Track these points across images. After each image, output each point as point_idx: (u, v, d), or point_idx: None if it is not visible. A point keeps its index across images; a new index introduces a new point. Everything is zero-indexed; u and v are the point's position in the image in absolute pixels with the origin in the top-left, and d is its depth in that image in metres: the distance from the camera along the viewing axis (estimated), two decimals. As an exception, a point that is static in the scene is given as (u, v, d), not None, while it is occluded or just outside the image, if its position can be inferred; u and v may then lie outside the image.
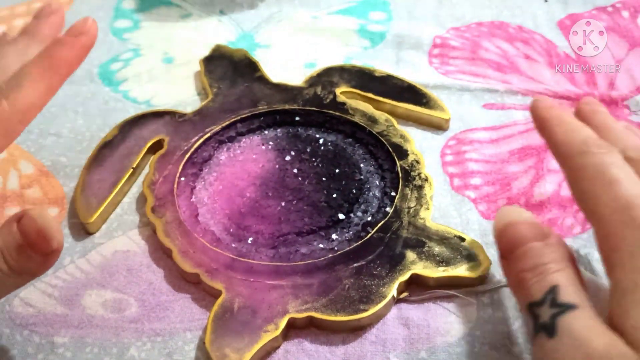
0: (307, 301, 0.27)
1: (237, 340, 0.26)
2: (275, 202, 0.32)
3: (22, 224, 0.24)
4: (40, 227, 0.24)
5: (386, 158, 0.33)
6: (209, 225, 0.31)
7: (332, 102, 0.37)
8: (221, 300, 0.28)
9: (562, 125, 0.26)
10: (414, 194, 0.31)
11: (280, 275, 0.28)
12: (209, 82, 0.39)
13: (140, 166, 0.35)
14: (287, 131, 0.35)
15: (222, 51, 0.41)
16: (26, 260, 0.24)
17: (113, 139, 0.35)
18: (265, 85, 0.38)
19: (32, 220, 0.24)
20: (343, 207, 0.31)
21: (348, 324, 0.27)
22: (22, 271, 0.24)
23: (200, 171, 0.34)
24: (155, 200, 0.32)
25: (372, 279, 0.28)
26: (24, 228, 0.24)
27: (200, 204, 0.32)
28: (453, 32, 0.43)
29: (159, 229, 0.30)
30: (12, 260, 0.24)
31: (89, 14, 0.47)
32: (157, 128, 0.36)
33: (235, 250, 0.29)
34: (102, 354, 0.27)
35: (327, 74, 0.39)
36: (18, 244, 0.24)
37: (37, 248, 0.24)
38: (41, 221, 0.24)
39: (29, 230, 0.24)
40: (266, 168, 0.33)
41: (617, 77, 0.39)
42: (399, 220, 0.30)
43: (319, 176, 0.33)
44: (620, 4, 0.45)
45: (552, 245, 0.24)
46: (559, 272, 0.23)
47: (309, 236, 0.30)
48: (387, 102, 0.37)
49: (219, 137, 0.35)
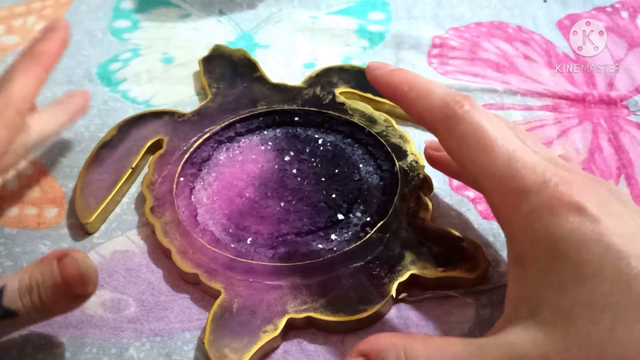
0: (306, 301, 0.27)
1: (236, 341, 0.26)
2: (275, 202, 0.32)
3: (63, 264, 0.24)
4: (82, 271, 0.24)
5: (385, 158, 0.33)
6: (208, 226, 0.31)
7: (331, 102, 0.37)
8: (220, 301, 0.27)
9: (415, 90, 0.26)
10: (413, 195, 0.31)
11: (280, 276, 0.28)
12: (208, 82, 0.39)
13: (139, 166, 0.35)
14: (287, 131, 0.35)
15: (221, 51, 0.41)
16: (58, 298, 0.25)
17: (112, 139, 0.35)
18: (265, 85, 0.38)
19: (74, 262, 0.24)
20: (342, 207, 0.31)
21: (347, 325, 0.27)
22: (51, 308, 0.25)
23: (200, 171, 0.33)
24: (154, 201, 0.32)
25: (371, 279, 0.28)
26: (66, 269, 0.24)
27: (200, 204, 0.32)
28: (452, 33, 0.43)
29: (157, 229, 0.30)
30: (45, 297, 0.24)
31: (88, 14, 0.47)
32: (156, 128, 0.36)
33: (235, 251, 0.29)
34: (101, 354, 0.27)
35: (326, 74, 0.39)
36: (55, 283, 0.24)
37: (74, 290, 0.25)
38: (83, 265, 0.24)
39: (70, 272, 0.24)
40: (265, 168, 0.33)
41: (617, 78, 0.39)
42: (398, 221, 0.30)
43: (318, 176, 0.33)
44: (619, 4, 0.45)
45: None
46: None
47: (308, 236, 0.30)
48: (386, 103, 0.37)
49: (218, 138, 0.35)
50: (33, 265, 0.25)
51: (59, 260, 0.25)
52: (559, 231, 0.20)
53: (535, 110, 0.37)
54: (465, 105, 0.24)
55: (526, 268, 0.21)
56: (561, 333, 0.19)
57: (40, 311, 0.25)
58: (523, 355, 0.20)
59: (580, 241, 0.20)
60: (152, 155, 0.35)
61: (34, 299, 0.24)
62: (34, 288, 0.24)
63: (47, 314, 0.25)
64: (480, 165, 0.23)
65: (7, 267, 0.30)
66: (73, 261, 0.24)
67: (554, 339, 0.19)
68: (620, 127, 0.36)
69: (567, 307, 0.20)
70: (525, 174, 0.22)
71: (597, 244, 0.20)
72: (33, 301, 0.24)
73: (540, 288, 0.20)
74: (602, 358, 0.19)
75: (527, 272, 0.21)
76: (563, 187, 0.21)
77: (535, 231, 0.21)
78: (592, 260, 0.20)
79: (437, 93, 0.25)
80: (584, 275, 0.20)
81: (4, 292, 0.24)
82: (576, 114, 0.37)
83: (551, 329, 0.20)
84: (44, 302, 0.24)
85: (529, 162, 0.22)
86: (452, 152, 0.25)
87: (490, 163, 0.23)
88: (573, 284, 0.20)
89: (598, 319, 0.19)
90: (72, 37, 0.44)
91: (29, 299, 0.24)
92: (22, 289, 0.24)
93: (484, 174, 0.23)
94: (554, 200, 0.21)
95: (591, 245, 0.20)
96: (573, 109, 0.37)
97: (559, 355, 0.19)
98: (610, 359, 0.18)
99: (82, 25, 0.46)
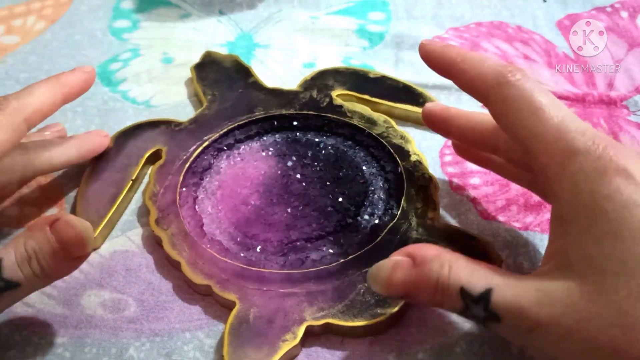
0: (323, 308, 0.27)
1: (256, 352, 0.26)
2: (281, 208, 0.31)
3: (58, 229, 0.25)
4: (78, 233, 0.25)
5: (388, 159, 0.33)
6: (215, 235, 0.30)
7: (329, 105, 0.36)
8: (236, 311, 0.27)
9: (468, 61, 0.26)
10: (420, 195, 0.31)
11: (293, 283, 0.28)
12: (202, 89, 0.38)
13: (139, 178, 0.34)
14: (286, 136, 0.35)
15: (212, 57, 0.41)
16: (58, 263, 0.25)
17: (108, 151, 0.34)
18: (260, 90, 0.38)
19: (69, 225, 0.25)
20: (350, 210, 0.31)
21: (367, 329, 0.27)
22: (53, 274, 0.25)
23: (201, 180, 0.33)
24: (158, 212, 0.31)
25: None
26: (61, 233, 0.25)
27: (205, 213, 0.31)
28: (452, 33, 0.43)
29: (165, 241, 0.30)
30: (45, 264, 0.25)
31: (89, 14, 0.47)
32: (154, 138, 0.35)
33: (245, 260, 0.29)
34: (101, 354, 0.27)
35: (321, 77, 0.38)
36: (53, 249, 0.25)
37: (73, 253, 0.25)
38: (79, 227, 0.25)
39: (66, 236, 0.25)
40: (268, 174, 0.33)
41: (616, 78, 0.39)
42: (407, 222, 0.30)
43: (322, 181, 0.32)
44: (619, 4, 0.45)
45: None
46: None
47: (318, 242, 0.30)
48: (384, 103, 0.37)
49: (218, 145, 0.35)
50: (25, 234, 0.25)
51: (50, 226, 0.25)
52: (604, 190, 0.21)
53: (535, 110, 0.37)
54: (518, 74, 0.25)
55: (568, 224, 0.22)
56: (592, 285, 0.20)
57: (41, 278, 0.25)
58: (556, 298, 0.21)
59: (623, 202, 0.21)
60: (151, 165, 0.34)
61: (34, 267, 0.24)
62: (32, 257, 0.24)
63: (49, 279, 0.26)
64: (530, 128, 0.24)
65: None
66: (68, 225, 0.25)
67: (585, 289, 0.20)
68: (620, 127, 0.36)
69: (601, 261, 0.20)
70: (575, 136, 0.22)
71: (639, 207, 0.21)
72: (33, 270, 0.24)
73: (580, 242, 0.21)
74: (626, 314, 0.20)
75: (568, 227, 0.22)
76: (611, 150, 0.22)
77: (580, 189, 0.22)
78: (632, 221, 0.20)
79: (490, 63, 0.26)
80: (621, 234, 0.20)
81: (2, 264, 0.24)
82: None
83: (584, 281, 0.21)
84: (44, 269, 0.25)
85: (579, 127, 0.23)
86: (502, 117, 0.25)
87: (541, 125, 0.23)
88: (610, 241, 0.21)
89: (629, 278, 0.20)
90: (72, 37, 0.44)
91: (29, 269, 0.24)
92: (20, 259, 0.24)
93: (533, 136, 0.23)
94: (602, 161, 0.22)
95: (632, 207, 0.21)
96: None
97: (587, 304, 0.20)
98: (633, 316, 0.19)
99: (82, 25, 0.45)
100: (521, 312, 0.21)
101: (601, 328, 0.20)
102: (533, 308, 0.21)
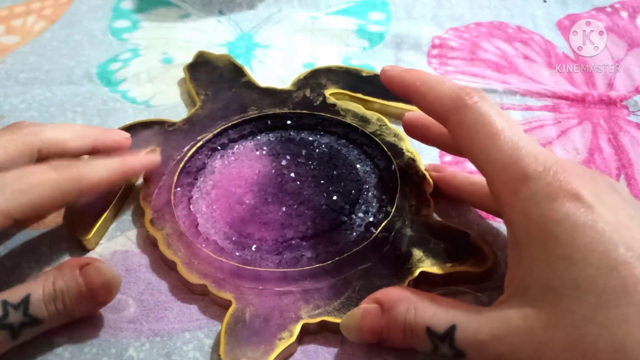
0: (318, 306, 0.27)
1: (253, 350, 0.26)
2: (276, 207, 0.31)
3: (87, 274, 0.26)
4: (107, 280, 0.26)
5: (382, 157, 0.33)
6: (210, 235, 0.30)
7: (322, 104, 0.36)
8: (232, 311, 0.27)
9: (426, 84, 0.27)
10: (414, 192, 0.31)
11: (289, 281, 0.28)
12: (196, 89, 0.38)
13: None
14: (280, 135, 0.35)
15: (205, 57, 0.41)
16: (82, 305, 0.26)
17: None
18: (253, 90, 0.38)
19: (98, 271, 0.26)
20: (344, 208, 0.31)
21: None
22: (75, 314, 0.26)
23: (195, 180, 0.33)
24: (152, 213, 0.31)
25: (382, 279, 0.28)
26: (90, 278, 0.26)
27: (199, 213, 0.31)
28: (452, 33, 0.43)
29: (160, 241, 0.30)
30: (69, 304, 0.26)
31: (88, 14, 0.47)
32: (147, 138, 0.35)
33: (240, 259, 0.29)
34: (100, 354, 0.27)
35: (314, 76, 0.38)
36: (81, 292, 0.26)
37: (98, 297, 0.26)
38: (108, 274, 0.26)
39: (94, 281, 0.26)
40: (262, 174, 0.33)
41: (616, 78, 0.39)
42: (401, 219, 0.30)
43: (317, 179, 0.33)
44: (619, 4, 0.45)
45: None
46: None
47: (313, 240, 0.30)
48: (377, 102, 0.37)
49: (211, 145, 0.35)
50: (55, 273, 0.26)
51: (80, 269, 0.26)
52: (554, 215, 0.21)
53: (535, 111, 0.37)
54: (475, 96, 0.25)
55: (522, 249, 0.22)
56: (548, 310, 0.21)
57: (63, 316, 0.26)
58: (514, 327, 0.21)
59: (573, 226, 0.21)
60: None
61: (59, 306, 0.25)
62: (58, 297, 0.25)
63: (69, 318, 0.26)
64: (485, 152, 0.24)
65: (7, 267, 0.30)
66: (98, 271, 0.26)
67: (541, 315, 0.21)
68: (620, 127, 0.36)
69: (555, 285, 0.21)
70: (528, 161, 0.23)
71: (589, 229, 0.21)
72: (58, 309, 0.25)
73: (533, 267, 0.22)
74: (582, 337, 0.20)
75: (522, 253, 0.22)
76: (562, 175, 0.22)
77: (532, 215, 0.22)
78: (583, 244, 0.21)
79: (448, 86, 0.26)
80: (573, 258, 0.21)
81: (30, 300, 0.25)
82: (576, 114, 0.37)
83: (539, 305, 0.21)
84: (67, 309, 0.26)
85: (532, 151, 0.23)
86: (460, 141, 0.25)
87: (495, 150, 0.24)
88: (563, 265, 0.21)
89: (582, 300, 0.20)
90: (72, 37, 0.45)
91: (54, 307, 0.25)
92: (47, 297, 0.25)
93: (488, 161, 0.24)
94: (552, 186, 0.22)
95: (583, 230, 0.21)
96: (573, 109, 0.37)
97: (544, 330, 0.20)
98: (588, 338, 0.20)
99: (82, 25, 0.45)
100: (482, 347, 0.21)
101: (560, 353, 0.20)
102: (492, 341, 0.21)
